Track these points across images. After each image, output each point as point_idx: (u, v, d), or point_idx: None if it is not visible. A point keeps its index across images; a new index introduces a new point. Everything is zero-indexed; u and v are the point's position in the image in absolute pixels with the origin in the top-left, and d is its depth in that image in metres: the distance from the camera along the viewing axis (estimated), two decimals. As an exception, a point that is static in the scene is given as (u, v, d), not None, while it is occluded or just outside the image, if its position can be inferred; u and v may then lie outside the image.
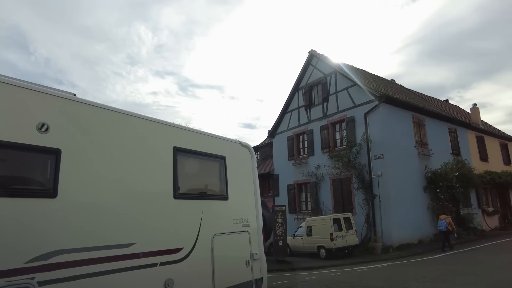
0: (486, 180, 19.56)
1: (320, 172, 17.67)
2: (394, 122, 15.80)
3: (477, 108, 23.97)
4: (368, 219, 14.71)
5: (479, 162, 20.72)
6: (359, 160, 15.49)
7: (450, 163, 17.20)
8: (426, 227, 15.52)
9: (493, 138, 23.06)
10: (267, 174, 22.10)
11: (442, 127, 18.80)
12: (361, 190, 15.16)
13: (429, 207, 15.79)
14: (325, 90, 18.41)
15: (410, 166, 15.76)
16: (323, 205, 17.37)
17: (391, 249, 13.61)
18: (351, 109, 16.58)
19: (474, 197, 19.07)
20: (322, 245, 13.45)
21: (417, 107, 17.19)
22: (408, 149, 16.02)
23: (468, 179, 17.00)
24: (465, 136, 20.35)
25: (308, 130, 19.13)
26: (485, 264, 9.66)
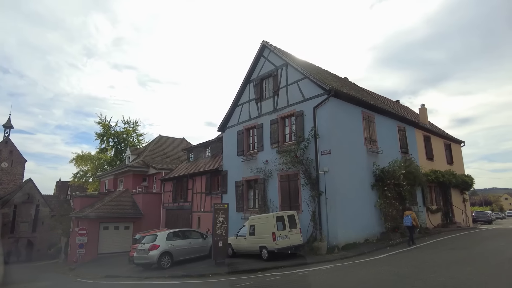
0: (431, 179, 19.89)
1: (268, 168, 16.82)
2: (343, 117, 15.33)
3: (425, 108, 24.53)
4: (314, 217, 14.06)
5: (425, 161, 21.08)
6: (307, 155, 14.82)
7: (398, 161, 17.12)
8: (373, 225, 15.22)
9: (438, 138, 23.70)
10: (215, 171, 20.91)
11: (392, 125, 18.77)
12: (307, 187, 14.49)
13: (376, 205, 15.51)
14: (276, 83, 17.59)
15: (358, 163, 15.39)
16: (270, 202, 16.54)
17: (337, 249, 13.03)
18: (301, 103, 15.88)
19: (419, 195, 19.28)
20: (264, 245, 12.55)
21: (367, 104, 16.90)
22: (357, 146, 15.64)
23: (415, 177, 17.03)
24: (413, 135, 20.58)
25: (258, 124, 18.21)
26: (428, 264, 9.24)
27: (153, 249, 13.92)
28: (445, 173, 21.54)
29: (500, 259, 8.88)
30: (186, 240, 14.97)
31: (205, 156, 25.67)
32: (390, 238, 14.87)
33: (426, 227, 18.67)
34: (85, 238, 22.83)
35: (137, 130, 46.94)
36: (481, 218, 34.98)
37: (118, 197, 27.84)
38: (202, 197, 22.12)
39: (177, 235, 15.00)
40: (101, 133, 43.99)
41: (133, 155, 33.82)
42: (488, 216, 35.41)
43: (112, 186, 32.53)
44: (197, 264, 13.85)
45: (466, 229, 21.12)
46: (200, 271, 12.19)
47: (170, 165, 29.37)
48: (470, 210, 25.51)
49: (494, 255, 9.65)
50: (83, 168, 44.08)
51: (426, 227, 18.71)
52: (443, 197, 22.05)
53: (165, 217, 26.42)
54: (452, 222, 21.71)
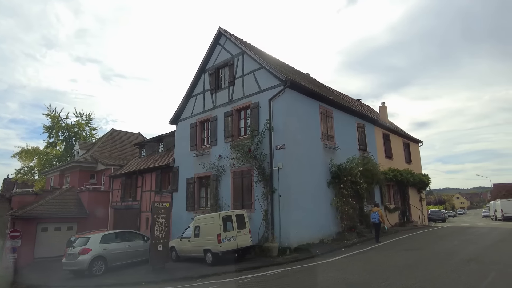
0: (390, 177, 19.61)
1: (222, 164, 15.59)
2: (300, 111, 14.44)
3: (385, 107, 24.40)
4: (266, 216, 13.02)
5: (384, 159, 20.81)
6: (261, 150, 13.76)
7: (356, 158, 16.54)
8: (329, 225, 14.45)
9: (397, 137, 23.64)
10: (166, 167, 19.35)
11: (350, 122, 18.20)
12: (261, 184, 13.43)
13: (332, 203, 14.77)
14: (232, 72, 16.39)
15: (315, 159, 14.56)
16: (222, 201, 15.32)
17: (288, 251, 12.05)
18: (257, 95, 14.79)
19: (377, 193, 18.91)
20: (208, 248, 11.32)
21: (325, 98, 16.14)
22: (313, 141, 14.81)
23: (373, 175, 16.52)
24: (373, 132, 20.21)
25: (213, 117, 16.92)
26: (382, 268, 8.43)
27: (83, 254, 12.22)
28: (404, 172, 21.42)
29: (454, 261, 8.26)
30: (124, 243, 13.37)
31: (158, 152, 23.94)
32: (346, 238, 14.16)
33: (383, 226, 18.28)
34: (19, 242, 20.31)
35: (90, 123, 43.93)
36: (436, 217, 35.98)
37: (62, 195, 25.36)
38: (151, 196, 20.44)
39: (113, 237, 13.36)
40: (49, 125, 40.57)
41: (82, 150, 31.27)
42: (442, 215, 36.55)
43: (58, 183, 29.81)
44: (135, 270, 12.34)
45: (422, 227, 21.12)
46: (134, 278, 10.73)
47: (122, 161, 27.28)
48: (426, 209, 25.79)
49: (448, 256, 9.07)
50: (29, 164, 40.49)
51: (383, 226, 18.33)
52: (401, 196, 21.94)
53: (113, 217, 24.36)
54: (409, 221, 21.65)
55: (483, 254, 9.10)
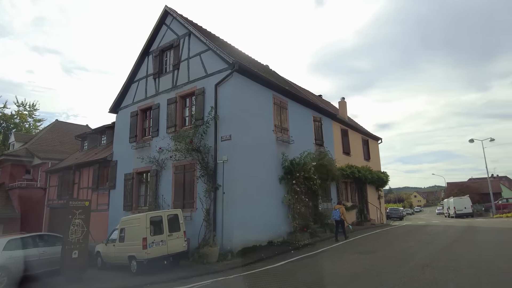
0: (347, 174, 18.78)
1: (163, 158, 13.83)
2: (250, 99, 13.03)
3: (344, 102, 23.69)
4: (207, 216, 11.48)
5: (342, 155, 19.99)
6: (205, 142, 12.20)
7: (312, 153, 15.45)
8: (279, 224, 13.18)
9: (356, 133, 22.99)
10: (104, 161, 17.22)
11: (307, 115, 17.09)
12: (203, 179, 11.88)
13: (284, 201, 13.51)
14: (177, 55, 14.66)
15: (265, 153, 13.22)
16: (161, 199, 13.57)
17: (230, 256, 10.59)
18: (203, 79, 13.20)
19: (334, 191, 17.99)
20: (133, 254, 9.58)
21: (279, 88, 14.85)
22: (265, 133, 13.47)
23: (328, 171, 15.49)
24: (330, 127, 19.29)
25: (155, 105, 15.09)
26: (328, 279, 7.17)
27: (-21, 264, 9.98)
28: (362, 169, 20.75)
29: (409, 267, 7.21)
30: (37, 249, 11.23)
31: (100, 144, 21.58)
32: (298, 239, 12.96)
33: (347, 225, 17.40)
34: None
35: (35, 115, 40.03)
36: (394, 215, 36.24)
37: (-13, 192, 22.29)
38: (88, 194, 18.20)
39: (24, 242, 11.17)
40: (-18, 115, 36.36)
41: (19, 142, 27.96)
42: (400, 213, 36.91)
43: (-13, 180, 26.33)
44: (44, 282, 10.29)
45: (380, 226, 20.56)
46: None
47: (64, 155, 24.50)
48: (384, 207, 25.46)
49: (402, 261, 8.05)
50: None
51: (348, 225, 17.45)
52: (358, 193, 21.28)
53: (48, 218, 21.70)
54: (367, 219, 21.03)
55: (438, 258, 8.18)
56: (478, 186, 54.96)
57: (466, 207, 36.80)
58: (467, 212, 36.30)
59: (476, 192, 51.41)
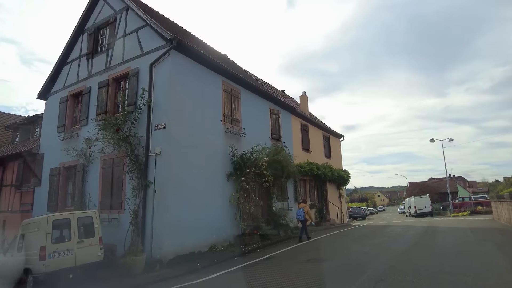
0: (305, 171, 17.60)
1: (91, 150, 11.84)
2: (193, 83, 11.39)
3: (305, 97, 22.61)
4: (135, 219, 9.71)
5: (301, 151, 18.82)
6: (136, 131, 10.42)
7: (266, 148, 14.09)
8: (225, 227, 11.64)
9: (317, 130, 21.95)
10: (30, 154, 14.86)
11: (263, 106, 15.70)
12: (131, 175, 10.11)
13: (231, 200, 12.00)
14: (112, 32, 12.73)
15: (210, 146, 11.64)
16: (87, 198, 11.62)
17: (159, 266, 8.91)
18: (138, 59, 11.39)
19: (291, 189, 16.75)
20: (29, 267, 7.67)
21: (230, 74, 13.31)
22: (211, 123, 11.89)
23: (283, 167, 14.16)
24: (289, 121, 18.04)
25: (86, 89, 13.06)
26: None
27: None
28: (321, 166, 19.70)
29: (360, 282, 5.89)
30: None
31: (33, 136, 18.99)
32: (246, 242, 11.51)
33: (297, 226, 16.19)
34: None
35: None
36: (357, 214, 35.93)
37: None
38: (11, 192, 15.74)
39: None
40: None
41: None
42: (362, 212, 36.65)
43: None
44: None
45: (339, 226, 19.61)
46: None
47: (-7, 149, 21.50)
48: (346, 206, 24.68)
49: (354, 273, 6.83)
50: None
51: (297, 226, 16.24)
52: (318, 192, 20.23)
53: (-31, 219, 18.79)
54: (326, 219, 20.03)
55: (395, 268, 7.00)
56: (437, 186, 56.85)
57: (426, 206, 37.39)
58: (427, 211, 36.88)
59: (435, 191, 53.07)
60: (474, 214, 28.83)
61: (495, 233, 11.97)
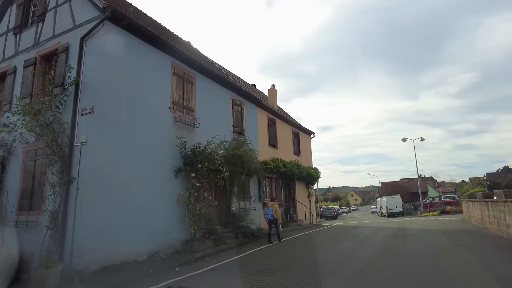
0: (270, 168, 16.30)
1: (12, 139, 9.96)
2: (133, 61, 9.78)
3: (275, 90, 21.33)
4: (54, 221, 8.02)
5: (268, 147, 17.53)
6: (62, 116, 8.71)
7: (225, 141, 12.69)
8: (170, 231, 10.09)
9: (286, 125, 20.73)
10: None
11: (223, 95, 14.24)
12: (52, 169, 8.39)
13: (179, 200, 10.47)
14: (43, 3, 10.86)
15: (154, 136, 10.06)
16: (5, 197, 9.73)
17: (78, 279, 7.27)
18: (69, 33, 9.62)
19: (255, 187, 15.40)
20: None
21: (183, 56, 11.76)
22: (156, 110, 10.31)
23: (243, 163, 12.78)
24: (255, 114, 16.68)
25: (11, 68, 11.11)
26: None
27: None
28: (289, 164, 18.49)
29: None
30: None
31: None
32: (195, 249, 10.04)
33: (258, 228, 14.86)
34: None
35: None
36: (328, 214, 35.19)
37: None
38: None
39: None
40: None
41: None
42: (334, 212, 35.90)
43: None
44: None
45: (307, 227, 18.49)
46: None
47: None
48: (315, 205, 23.64)
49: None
50: None
51: (259, 228, 14.92)
52: (285, 190, 19.02)
53: None
54: (294, 220, 18.84)
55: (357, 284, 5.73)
56: (408, 186, 57.52)
57: (397, 206, 37.40)
58: (398, 211, 36.87)
59: (407, 191, 53.62)
60: (444, 214, 28.69)
61: (467, 235, 11.12)
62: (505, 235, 9.66)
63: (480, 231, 11.76)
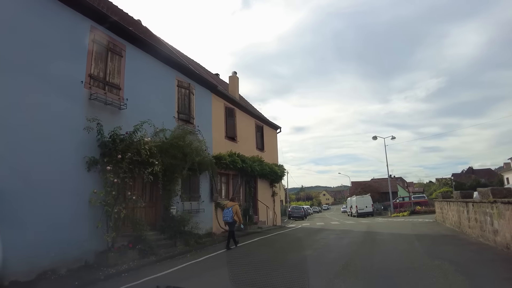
0: (226, 163, 14.20)
1: None
2: (29, 17, 7.38)
3: (236, 77, 19.23)
4: None
5: (225, 140, 15.44)
6: None
7: (165, 129, 10.50)
8: (79, 240, 7.72)
9: (248, 117, 18.69)
10: None
11: (166, 75, 11.99)
12: None
13: (91, 200, 8.15)
14: None
15: (57, 117, 7.70)
16: None
17: None
18: None
19: (206, 184, 13.26)
20: None
21: (110, 22, 9.41)
22: (62, 82, 7.94)
23: (185, 155, 10.60)
24: (209, 101, 14.54)
25: None
26: None
27: None
28: (249, 159, 16.48)
29: None
30: None
31: None
32: (111, 262, 7.78)
33: (207, 233, 12.76)
34: None
35: None
36: (296, 214, 33.58)
37: None
38: None
39: None
40: None
41: None
42: (302, 212, 34.29)
43: None
44: None
45: (267, 230, 16.55)
46: None
47: None
48: (286, 205, 21.78)
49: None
50: None
51: (210, 233, 12.82)
52: (245, 189, 17.01)
53: None
54: (253, 221, 16.82)
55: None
56: (378, 186, 57.41)
57: (367, 206, 36.55)
58: (368, 211, 36.00)
59: (377, 191, 53.39)
60: (414, 214, 27.75)
61: (446, 243, 9.46)
62: (492, 243, 8.00)
63: (459, 237, 10.20)
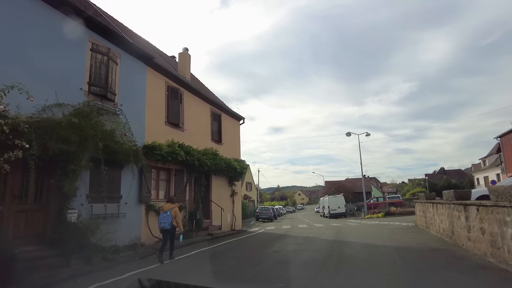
0: (161, 155, 11.27)
1: None
2: None
3: (187, 54, 16.28)
4: None
5: (165, 126, 12.53)
6: None
7: (63, 104, 7.54)
8: None
9: (201, 101, 15.75)
10: None
11: (72, 32, 8.89)
12: None
13: None
14: None
15: None
16: None
17: None
18: None
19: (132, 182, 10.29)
20: None
21: None
22: None
23: (87, 139, 7.66)
24: (142, 76, 11.58)
25: None
26: None
27: None
28: (199, 152, 13.64)
29: None
30: None
31: None
32: None
33: (134, 244, 9.87)
34: None
35: None
36: (264, 215, 30.95)
37: None
38: None
39: None
40: None
41: None
42: (270, 213, 31.66)
43: None
44: None
45: (218, 238, 13.81)
46: None
47: None
48: (240, 207, 19.04)
49: None
50: None
51: (133, 244, 9.90)
52: (193, 188, 14.16)
53: None
54: (203, 227, 13.98)
55: None
56: (352, 185, 56.13)
57: (340, 207, 34.67)
58: (341, 211, 34.12)
59: (351, 191, 52.01)
60: (389, 216, 25.87)
61: (442, 265, 6.59)
62: (514, 269, 5.37)
63: (456, 253, 7.57)
